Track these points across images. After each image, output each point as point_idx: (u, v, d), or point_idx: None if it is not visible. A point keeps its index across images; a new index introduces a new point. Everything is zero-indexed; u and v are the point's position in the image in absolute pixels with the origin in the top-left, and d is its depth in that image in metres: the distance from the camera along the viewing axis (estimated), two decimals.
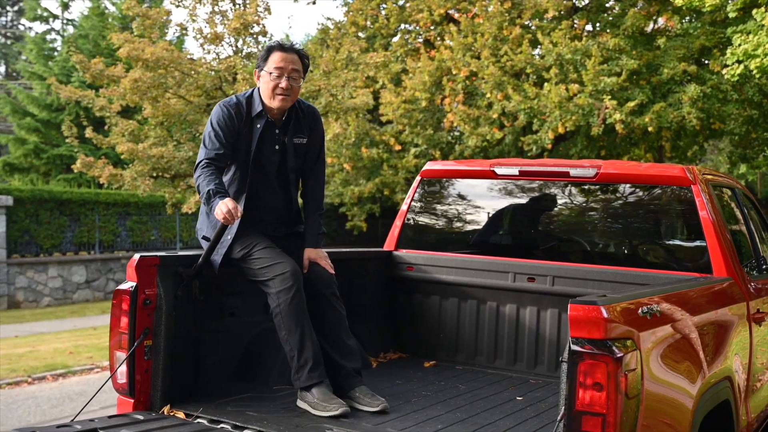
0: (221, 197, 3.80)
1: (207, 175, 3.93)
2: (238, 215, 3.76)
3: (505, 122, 17.35)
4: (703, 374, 3.46)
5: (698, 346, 3.51)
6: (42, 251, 16.55)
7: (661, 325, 3.17)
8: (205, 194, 3.87)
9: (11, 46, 36.96)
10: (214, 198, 3.81)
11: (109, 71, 13.23)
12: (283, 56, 4.12)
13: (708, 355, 3.61)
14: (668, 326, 3.24)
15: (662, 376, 3.07)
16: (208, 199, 3.85)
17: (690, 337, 3.44)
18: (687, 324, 3.45)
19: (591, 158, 17.91)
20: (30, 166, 22.59)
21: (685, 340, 3.39)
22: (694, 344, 3.47)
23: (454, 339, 5.26)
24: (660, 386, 3.05)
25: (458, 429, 3.67)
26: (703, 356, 3.54)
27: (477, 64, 17.37)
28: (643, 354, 2.93)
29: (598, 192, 4.98)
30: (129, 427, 3.42)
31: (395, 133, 18.84)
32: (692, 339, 3.46)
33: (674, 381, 3.19)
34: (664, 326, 3.19)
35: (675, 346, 3.27)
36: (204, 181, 3.91)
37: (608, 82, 15.94)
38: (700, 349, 3.51)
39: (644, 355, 2.94)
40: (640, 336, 2.94)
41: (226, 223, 3.79)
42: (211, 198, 3.83)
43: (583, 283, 4.76)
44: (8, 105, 23.08)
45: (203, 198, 3.90)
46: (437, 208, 5.58)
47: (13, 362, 10.34)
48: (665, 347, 3.17)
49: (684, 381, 3.26)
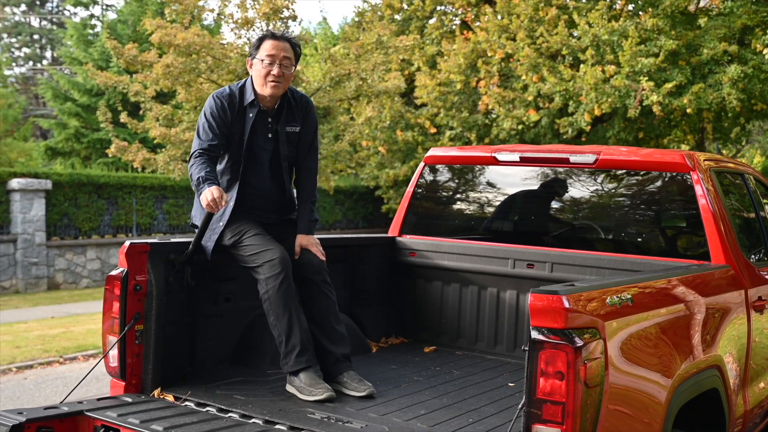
0: (209, 184, 3.88)
1: (200, 163, 4.02)
2: (223, 204, 3.83)
3: (540, 104, 17.20)
4: (681, 363, 3.44)
5: (677, 334, 3.49)
6: (81, 234, 16.91)
7: (632, 313, 3.15)
8: (195, 181, 3.96)
9: (56, 32, 37.62)
10: (203, 185, 3.89)
11: (142, 57, 13.41)
12: (275, 44, 4.18)
13: (690, 344, 3.59)
14: (641, 315, 3.22)
15: (629, 366, 3.06)
16: (198, 185, 3.93)
17: (667, 325, 3.42)
18: (665, 312, 3.43)
19: (628, 141, 17.70)
20: (71, 150, 23.06)
21: (661, 328, 3.37)
22: (672, 333, 3.45)
23: (456, 324, 5.29)
24: (626, 376, 3.04)
25: (440, 414, 3.71)
26: (684, 345, 3.52)
27: (512, 45, 17.22)
28: (608, 343, 2.93)
29: (598, 178, 4.94)
30: (114, 409, 3.52)
31: (430, 115, 18.80)
32: (669, 327, 3.44)
33: (644, 370, 3.17)
34: (636, 315, 3.18)
35: (648, 335, 3.25)
36: (196, 169, 4.00)
37: (646, 63, 15.68)
38: (679, 337, 3.49)
39: (609, 345, 2.94)
40: (604, 325, 2.94)
41: (210, 211, 3.87)
42: (200, 185, 3.91)
43: (581, 269, 4.75)
44: (50, 90, 23.57)
45: (194, 185, 3.99)
46: (441, 194, 5.59)
47: (46, 343, 10.62)
48: (636, 336, 3.15)
49: (656, 370, 3.24)
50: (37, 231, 16.17)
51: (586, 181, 4.98)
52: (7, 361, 9.69)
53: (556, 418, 2.78)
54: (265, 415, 3.57)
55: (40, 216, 16.16)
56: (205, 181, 3.90)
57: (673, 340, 3.44)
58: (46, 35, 42.70)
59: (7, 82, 33.98)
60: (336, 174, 15.76)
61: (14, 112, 25.41)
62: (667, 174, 4.69)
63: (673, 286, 3.66)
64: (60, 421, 3.44)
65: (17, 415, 3.32)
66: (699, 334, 3.72)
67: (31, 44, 44.34)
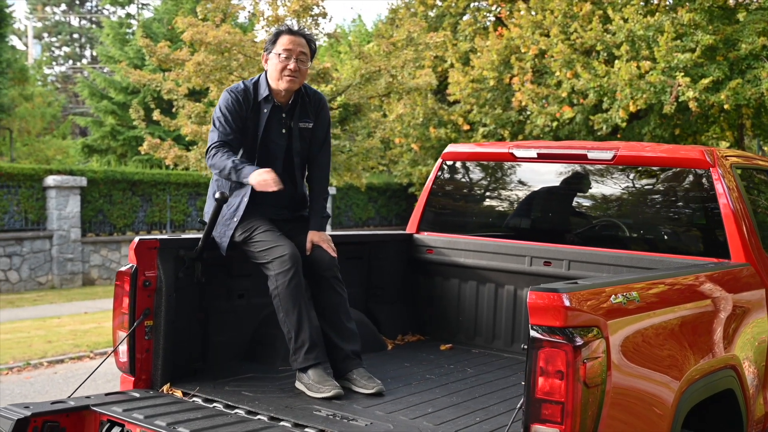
0: (251, 168, 3.95)
1: (224, 152, 4.06)
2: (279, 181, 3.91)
3: (575, 101, 17.04)
4: (692, 363, 3.36)
5: (688, 334, 3.41)
6: (115, 230, 17.13)
7: (638, 312, 3.09)
8: (230, 166, 3.99)
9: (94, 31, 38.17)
10: (242, 167, 3.97)
11: (174, 55, 13.50)
12: (292, 39, 4.18)
13: (702, 343, 3.50)
14: (648, 314, 3.15)
15: (634, 366, 3.00)
16: (235, 169, 3.97)
17: (677, 324, 3.34)
18: (675, 311, 3.36)
19: (664, 137, 17.46)
20: (107, 147, 23.37)
21: (670, 328, 3.30)
22: (682, 332, 3.37)
23: (473, 322, 5.25)
24: (630, 376, 2.98)
25: (447, 412, 3.67)
26: (695, 344, 3.44)
27: (546, 41, 17.07)
28: (611, 342, 2.87)
29: (616, 175, 4.86)
30: (121, 404, 3.54)
31: (463, 112, 18.70)
32: (680, 327, 3.36)
33: (650, 370, 3.10)
34: (643, 314, 3.11)
35: (655, 334, 3.18)
36: (223, 157, 4.04)
37: (682, 58, 15.44)
38: (690, 337, 3.42)
39: (612, 344, 2.88)
40: (607, 324, 2.88)
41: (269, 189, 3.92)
42: (237, 169, 3.97)
43: (598, 267, 4.68)
44: (86, 88, 23.90)
45: (226, 172, 4.01)
46: (458, 190, 5.55)
47: (78, 337, 10.76)
48: (642, 336, 3.09)
49: (663, 370, 3.17)
50: (72, 227, 16.40)
51: (605, 178, 4.90)
52: (39, 356, 9.84)
53: (555, 418, 2.73)
54: (271, 411, 3.56)
55: (76, 213, 16.39)
56: (242, 164, 3.97)
57: (684, 339, 3.36)
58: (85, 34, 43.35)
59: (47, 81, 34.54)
60: (367, 171, 15.75)
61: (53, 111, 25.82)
62: (686, 170, 4.59)
63: (685, 284, 3.58)
64: (66, 415, 3.46)
65: (23, 409, 3.35)
66: (713, 333, 3.63)
67: (71, 43, 45.05)
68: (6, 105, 22.16)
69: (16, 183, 15.79)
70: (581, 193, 5.03)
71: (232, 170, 4.00)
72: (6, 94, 21.96)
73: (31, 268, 15.96)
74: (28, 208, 15.98)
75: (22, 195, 15.87)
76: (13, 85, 23.68)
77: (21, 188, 15.85)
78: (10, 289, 15.61)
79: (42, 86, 29.70)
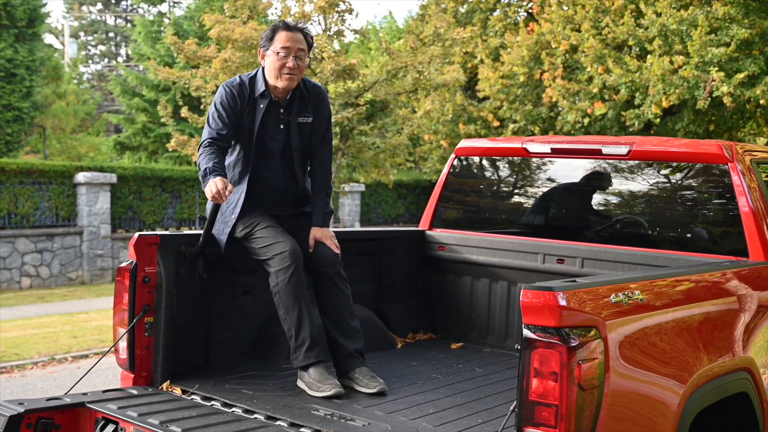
0: (215, 176, 3.82)
1: (208, 153, 3.96)
2: (227, 194, 3.77)
3: (606, 96, 16.80)
4: (701, 366, 3.23)
5: (696, 335, 3.28)
6: (145, 227, 17.24)
7: (641, 312, 2.97)
8: (202, 172, 3.91)
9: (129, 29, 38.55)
10: (209, 176, 3.84)
11: (201, 52, 13.54)
12: (289, 35, 4.10)
13: (712, 345, 3.37)
14: (652, 314, 3.03)
15: (635, 368, 2.88)
16: (204, 176, 3.88)
17: (684, 325, 3.22)
18: (682, 311, 3.23)
19: (699, 133, 17.16)
20: (139, 144, 23.54)
21: (677, 328, 3.17)
22: (690, 333, 3.24)
23: (485, 320, 5.14)
24: (631, 378, 2.86)
25: (449, 413, 3.58)
26: (705, 346, 3.31)
27: (577, 36, 16.85)
28: (609, 343, 2.76)
29: (631, 170, 4.72)
30: (116, 402, 3.49)
31: (493, 109, 18.54)
32: (687, 328, 3.23)
33: (653, 373, 2.98)
34: (645, 314, 2.99)
35: (660, 335, 3.06)
36: (204, 159, 3.95)
37: (716, 52, 15.14)
38: (699, 338, 3.29)
39: (611, 345, 2.77)
40: (606, 324, 2.77)
41: (214, 201, 3.81)
42: (206, 176, 3.86)
43: (611, 265, 4.55)
44: (119, 86, 24.11)
45: (201, 175, 3.94)
46: (472, 186, 5.44)
47: (103, 333, 10.83)
48: (644, 336, 2.97)
49: (668, 372, 3.05)
50: (102, 224, 16.53)
51: (619, 174, 4.77)
52: (64, 351, 9.92)
53: (549, 422, 2.63)
54: (269, 410, 3.50)
55: (106, 209, 16.52)
56: (211, 172, 3.84)
57: (691, 341, 3.23)
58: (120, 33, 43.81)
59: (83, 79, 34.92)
60: (395, 168, 15.67)
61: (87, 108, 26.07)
62: (704, 165, 4.45)
63: (695, 283, 3.45)
64: (61, 412, 3.43)
65: (17, 406, 3.32)
66: (725, 334, 3.50)
67: (107, 42, 45.56)
68: (39, 103, 22.42)
69: (47, 180, 15.95)
70: (595, 189, 4.90)
71: (202, 177, 3.92)
72: (39, 92, 22.21)
73: (61, 264, 16.12)
74: (59, 204, 16.14)
75: (53, 191, 16.03)
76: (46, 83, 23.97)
77: (52, 185, 16.02)
78: (40, 284, 15.77)
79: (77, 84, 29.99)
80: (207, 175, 3.85)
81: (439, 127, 18.49)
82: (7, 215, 15.35)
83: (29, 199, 15.65)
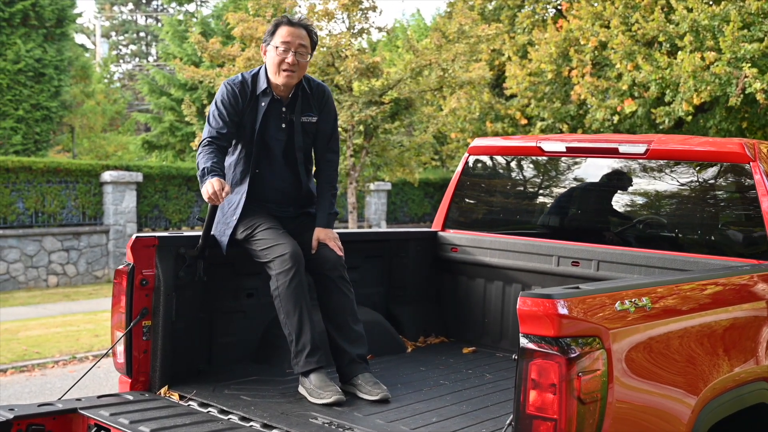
0: (212, 176, 3.72)
1: (207, 153, 3.86)
2: (224, 196, 3.67)
3: (636, 93, 16.52)
4: (715, 376, 3.07)
5: (710, 344, 3.11)
6: (171, 225, 17.28)
7: (648, 320, 2.81)
8: (200, 172, 3.81)
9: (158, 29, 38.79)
10: (206, 176, 3.74)
11: (225, 50, 13.49)
12: (291, 30, 3.99)
13: (729, 355, 3.20)
14: (660, 321, 2.87)
15: (641, 378, 2.73)
16: (202, 176, 3.78)
17: (696, 334, 3.05)
18: (694, 319, 3.07)
19: (731, 131, 16.83)
20: (166, 143, 23.61)
21: (687, 337, 3.01)
22: (703, 342, 3.08)
23: (499, 324, 4.99)
24: (637, 390, 2.71)
25: (453, 422, 3.45)
26: (720, 356, 3.15)
27: (606, 33, 16.58)
28: (613, 354, 2.61)
29: (649, 170, 4.55)
30: (109, 408, 3.41)
31: (521, 106, 18.32)
32: (700, 336, 3.07)
33: (661, 384, 2.82)
34: (653, 322, 2.84)
35: (669, 344, 2.90)
36: (202, 159, 3.85)
37: (749, 48, 14.79)
38: (713, 347, 3.12)
39: (615, 355, 2.62)
40: (610, 334, 2.62)
41: (210, 202, 3.71)
42: (203, 176, 3.76)
43: (628, 268, 4.38)
44: (146, 85, 24.22)
45: (198, 175, 3.84)
46: (485, 187, 5.29)
47: None
48: (653, 346, 2.81)
49: (678, 384, 2.89)
50: (128, 222, 16.57)
51: (637, 173, 4.60)
52: (85, 349, 9.92)
53: None
54: (265, 418, 3.39)
55: (132, 208, 16.57)
56: (209, 172, 3.74)
57: (705, 350, 3.07)
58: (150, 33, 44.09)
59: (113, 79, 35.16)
60: (420, 166, 15.53)
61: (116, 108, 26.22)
62: (724, 165, 4.26)
63: (709, 288, 3.28)
64: (53, 418, 3.35)
65: (6, 412, 3.25)
66: (743, 343, 3.33)
67: (137, 41, 45.88)
68: (68, 102, 22.56)
69: (74, 179, 16.03)
70: (612, 189, 4.73)
71: (200, 177, 3.82)
72: (68, 92, 22.35)
73: (88, 262, 16.19)
74: (86, 203, 16.22)
75: (79, 190, 16.11)
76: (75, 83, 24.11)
77: (78, 184, 16.10)
78: (67, 282, 15.85)
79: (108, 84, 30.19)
80: (205, 175, 3.76)
81: (465, 125, 18.31)
82: (34, 214, 15.45)
83: (56, 197, 15.74)
